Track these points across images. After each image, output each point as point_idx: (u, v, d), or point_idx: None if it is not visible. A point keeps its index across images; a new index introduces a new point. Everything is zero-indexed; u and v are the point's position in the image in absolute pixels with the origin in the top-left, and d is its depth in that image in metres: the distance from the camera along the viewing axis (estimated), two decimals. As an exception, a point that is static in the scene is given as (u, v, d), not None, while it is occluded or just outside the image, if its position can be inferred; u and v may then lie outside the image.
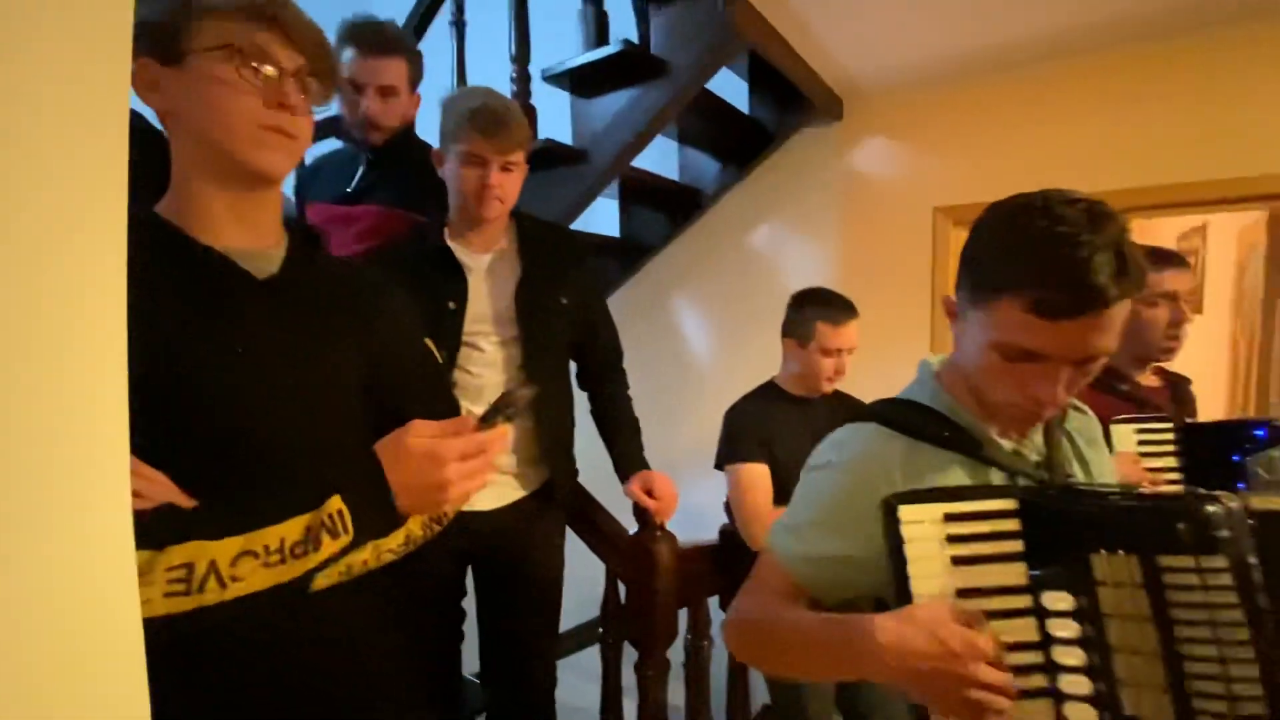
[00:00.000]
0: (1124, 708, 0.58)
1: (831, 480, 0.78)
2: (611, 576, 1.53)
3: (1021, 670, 0.61)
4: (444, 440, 0.64)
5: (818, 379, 1.58)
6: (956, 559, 0.64)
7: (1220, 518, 0.56)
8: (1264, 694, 0.53)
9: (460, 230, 1.29)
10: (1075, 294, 0.61)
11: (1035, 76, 2.22)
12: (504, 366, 1.29)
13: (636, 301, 2.90)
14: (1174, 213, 2.13)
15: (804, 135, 2.60)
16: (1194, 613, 0.55)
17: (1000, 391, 0.70)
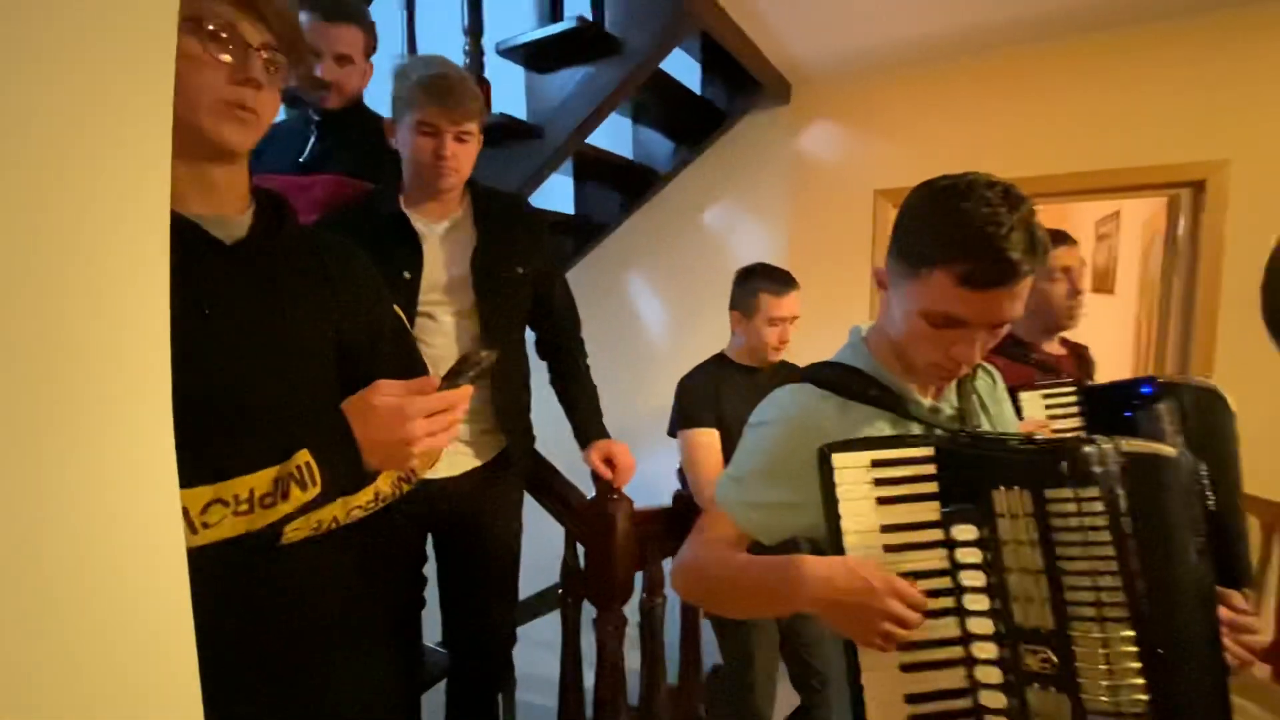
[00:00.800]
0: (1014, 618, 0.68)
1: (771, 435, 0.86)
2: (570, 540, 1.59)
3: (934, 593, 0.71)
4: (409, 398, 0.67)
5: (764, 348, 1.67)
6: (881, 499, 0.73)
7: (1094, 456, 0.66)
8: (1125, 600, 0.64)
9: (415, 200, 1.29)
10: (997, 267, 0.69)
11: (968, 68, 2.35)
12: (460, 336, 1.30)
13: (592, 278, 2.94)
14: (1088, 198, 2.31)
15: (754, 117, 2.67)
16: (1071, 535, 0.66)
17: (925, 353, 0.79)
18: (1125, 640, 0.63)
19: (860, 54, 2.37)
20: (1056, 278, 1.51)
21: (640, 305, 3.00)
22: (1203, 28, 2.04)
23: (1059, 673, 0.65)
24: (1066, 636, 0.65)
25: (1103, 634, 0.63)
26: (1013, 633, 0.68)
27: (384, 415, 0.66)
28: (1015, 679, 0.67)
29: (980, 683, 0.68)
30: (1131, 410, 1.20)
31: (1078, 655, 0.64)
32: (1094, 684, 0.63)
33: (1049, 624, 0.66)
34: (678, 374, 1.82)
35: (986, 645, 0.69)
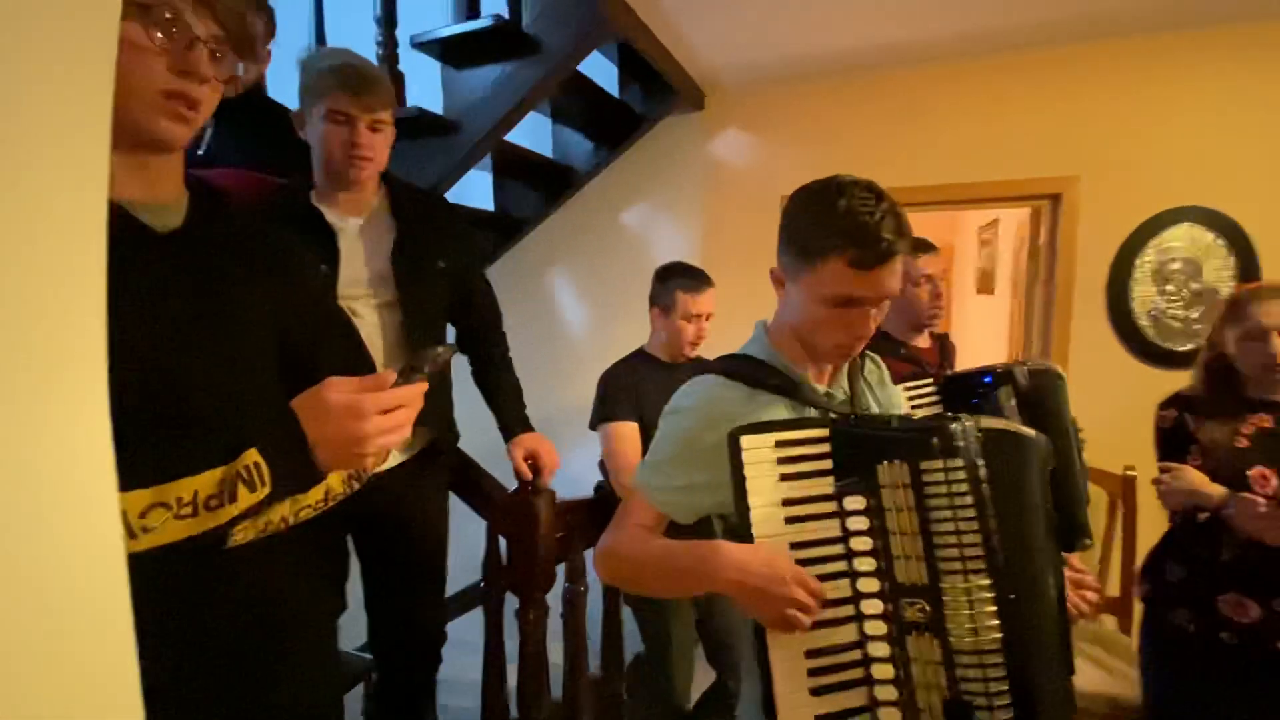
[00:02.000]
0: (896, 576, 0.77)
1: (684, 422, 0.92)
2: (493, 533, 1.59)
3: (828, 559, 0.79)
4: (363, 395, 0.64)
5: (681, 343, 1.75)
6: (784, 476, 0.80)
7: (958, 433, 0.76)
8: (984, 554, 0.74)
9: (328, 193, 1.25)
10: (878, 249, 0.80)
11: (867, 84, 2.53)
12: (383, 331, 1.28)
13: (512, 275, 2.93)
14: (970, 207, 2.54)
15: (670, 122, 2.75)
16: (940, 500, 0.75)
17: (829, 335, 0.88)
18: (983, 588, 0.73)
19: (769, 67, 2.50)
20: (921, 283, 1.69)
21: (561, 301, 3.02)
22: (1061, 59, 2.31)
23: (932, 620, 0.74)
24: (938, 588, 0.74)
25: (966, 584, 0.73)
26: (895, 589, 0.76)
27: (338, 412, 0.64)
28: (897, 629, 0.76)
29: (869, 635, 0.77)
30: (977, 398, 1.37)
31: (946, 604, 0.74)
32: (959, 627, 0.73)
33: (924, 579, 0.75)
34: (598, 369, 1.86)
35: (873, 602, 0.77)
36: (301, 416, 0.64)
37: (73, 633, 0.32)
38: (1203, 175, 2.20)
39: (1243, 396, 1.40)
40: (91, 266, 0.32)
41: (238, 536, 0.64)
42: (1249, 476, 1.33)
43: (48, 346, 0.31)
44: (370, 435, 0.64)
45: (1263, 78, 2.13)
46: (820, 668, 0.76)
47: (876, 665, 0.76)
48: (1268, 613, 1.30)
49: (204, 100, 0.67)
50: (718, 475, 0.83)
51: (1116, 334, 2.34)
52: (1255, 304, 1.37)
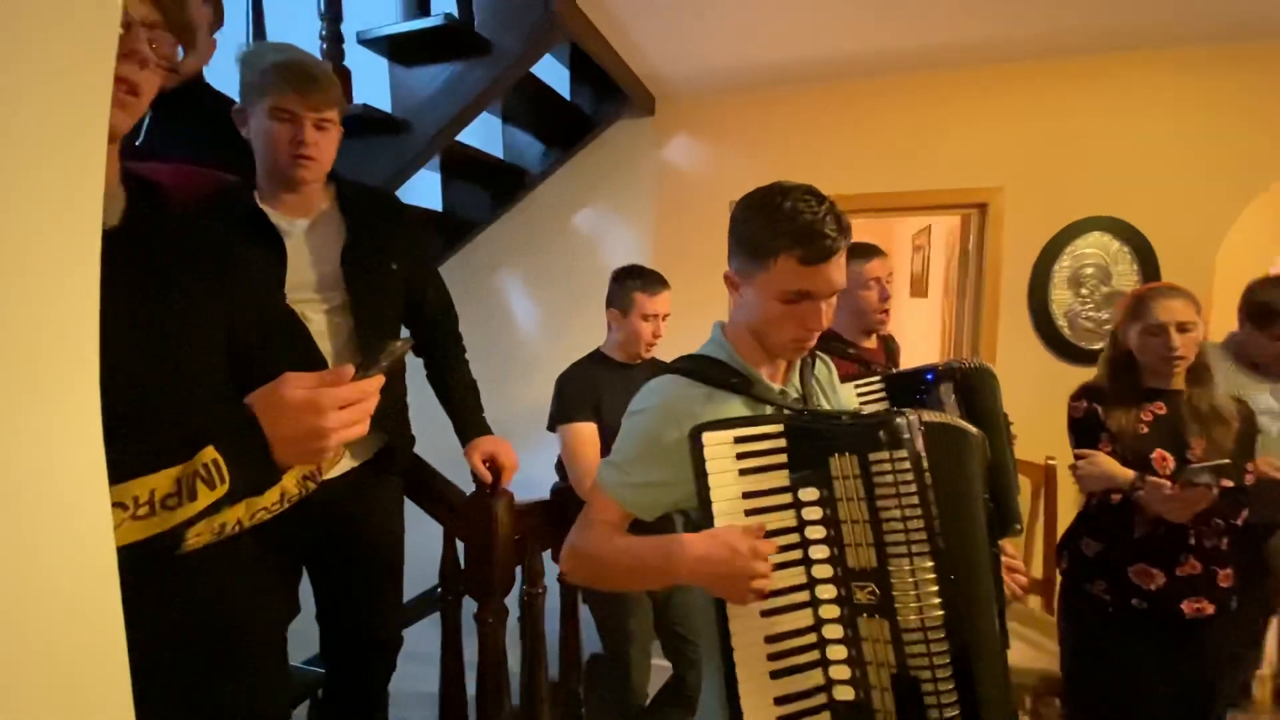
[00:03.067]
0: (848, 561, 0.82)
1: (647, 421, 0.95)
2: (449, 537, 1.57)
3: (785, 548, 0.83)
4: (322, 390, 0.64)
5: (638, 343, 1.77)
6: (743, 470, 0.84)
7: (904, 426, 0.82)
8: (927, 538, 0.80)
9: (272, 193, 1.21)
10: (824, 246, 0.87)
11: (812, 95, 2.64)
12: (334, 335, 1.25)
13: (462, 276, 2.89)
14: (904, 215, 2.68)
15: (621, 126, 2.78)
16: (887, 489, 0.80)
17: (785, 330, 0.92)
18: (927, 570, 0.79)
19: (717, 76, 2.57)
20: (870, 286, 1.78)
21: (512, 304, 3.00)
22: (989, 78, 2.47)
23: (881, 602, 0.79)
24: (886, 572, 0.79)
25: (911, 566, 0.79)
26: (847, 574, 0.81)
27: (297, 409, 0.63)
28: (849, 611, 0.81)
29: (823, 619, 0.81)
30: (920, 394, 1.46)
31: (894, 586, 0.79)
32: (906, 607, 0.78)
33: (873, 563, 0.80)
34: (551, 371, 1.87)
35: (827, 587, 0.82)
36: (259, 413, 0.63)
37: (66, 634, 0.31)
38: (1111, 188, 2.39)
39: (1142, 386, 1.55)
40: (86, 272, 0.32)
41: (192, 541, 0.62)
42: (1151, 459, 1.48)
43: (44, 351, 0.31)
44: (330, 430, 0.63)
45: (1163, 99, 2.34)
46: (779, 652, 0.80)
47: (831, 647, 0.81)
48: (1171, 579, 1.46)
49: (143, 85, 0.65)
50: (680, 472, 0.86)
51: (1038, 334, 2.52)
52: (1154, 302, 1.51)
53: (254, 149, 1.21)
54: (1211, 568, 1.47)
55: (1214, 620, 1.47)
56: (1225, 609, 1.48)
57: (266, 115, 1.15)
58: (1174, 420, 1.50)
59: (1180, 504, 1.36)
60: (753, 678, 0.79)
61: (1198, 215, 2.33)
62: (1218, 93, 2.29)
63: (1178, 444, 1.48)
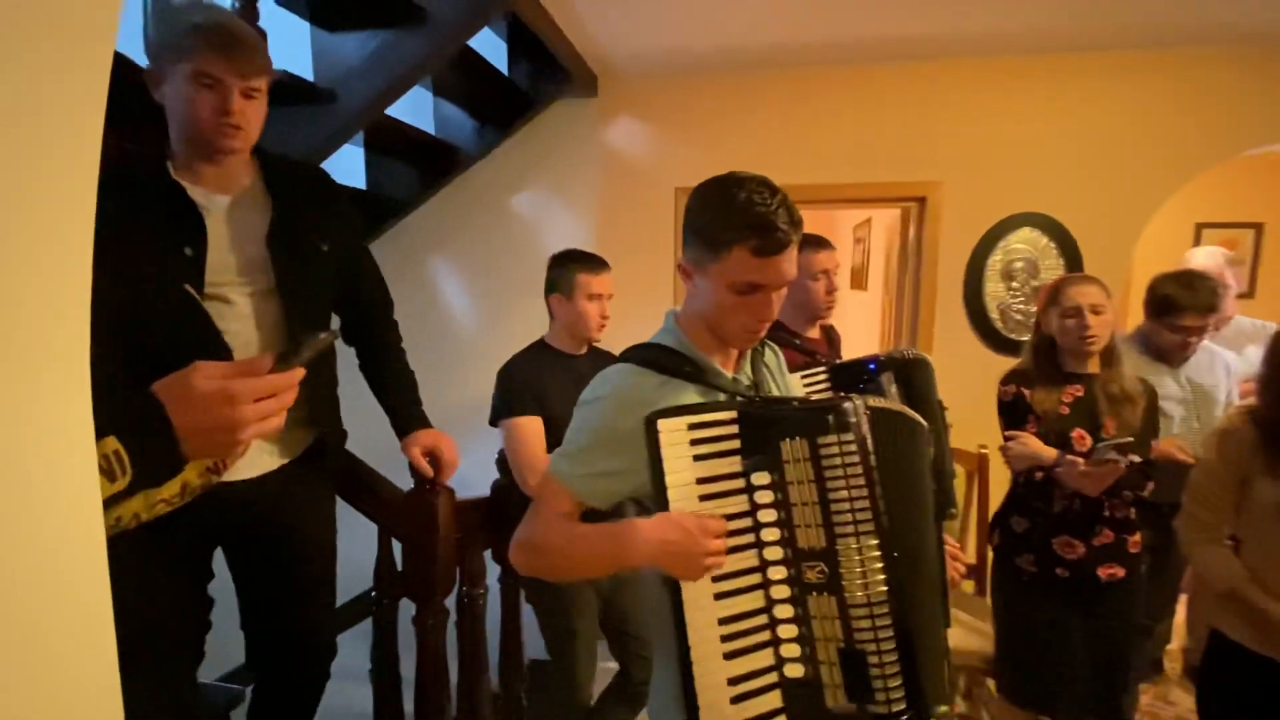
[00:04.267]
0: (798, 542, 0.89)
1: (601, 410, 0.99)
2: (385, 536, 1.56)
3: (738, 532, 0.89)
4: (236, 380, 0.63)
5: (586, 326, 1.80)
6: (697, 456, 0.89)
7: (850, 410, 0.89)
8: (872, 516, 0.88)
9: (189, 164, 1.17)
10: (776, 238, 0.91)
11: (752, 81, 2.73)
12: (260, 321, 1.22)
13: (388, 260, 2.80)
14: (845, 207, 2.82)
15: (563, 105, 2.79)
16: (836, 472, 0.88)
17: (737, 320, 0.98)
18: (872, 548, 0.87)
19: (663, 56, 2.62)
20: (818, 277, 1.89)
21: (445, 291, 2.96)
22: (931, 71, 2.63)
23: (830, 580, 0.86)
24: (834, 551, 0.87)
25: (858, 544, 0.86)
26: (797, 555, 0.88)
27: (208, 399, 0.62)
28: (799, 591, 0.88)
29: (774, 599, 0.88)
30: (863, 383, 1.58)
31: (841, 564, 0.86)
32: (853, 584, 0.86)
33: (822, 544, 0.87)
34: (487, 363, 1.87)
35: (778, 568, 0.88)
36: (166, 402, 0.63)
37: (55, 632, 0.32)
38: (1041, 185, 2.61)
39: (1062, 370, 1.73)
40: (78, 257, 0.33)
41: None
42: (1071, 438, 1.67)
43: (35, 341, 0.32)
44: (243, 423, 0.63)
45: (1091, 101, 2.56)
46: (732, 633, 0.86)
47: (782, 626, 0.87)
48: (1089, 548, 1.67)
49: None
50: (635, 460, 0.91)
51: (972, 326, 2.71)
52: (1069, 288, 1.71)
53: (170, 116, 1.16)
54: (1122, 536, 1.69)
55: (1124, 582, 1.69)
56: (1135, 572, 1.71)
57: (187, 80, 1.11)
58: (1090, 401, 1.69)
59: (1093, 478, 1.56)
60: (706, 659, 0.85)
61: (1117, 212, 2.57)
62: (1138, 96, 2.54)
63: (1093, 423, 1.68)
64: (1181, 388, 2.07)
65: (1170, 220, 3.66)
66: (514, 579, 1.88)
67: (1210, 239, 3.82)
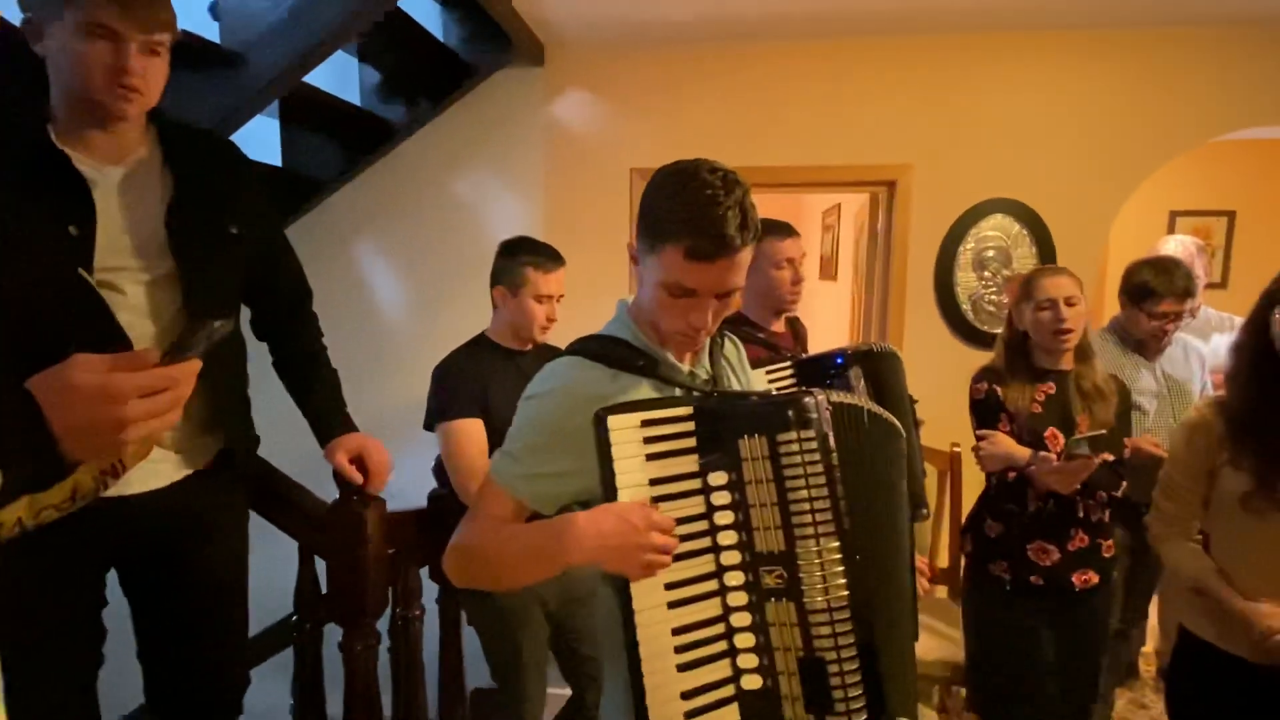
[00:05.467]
0: (756, 546, 0.92)
1: (547, 405, 1.00)
2: (307, 554, 1.54)
3: (694, 535, 0.92)
4: (119, 374, 0.62)
5: (530, 326, 1.81)
6: (650, 455, 0.91)
7: (811, 406, 0.93)
8: (833, 518, 0.91)
9: (75, 130, 1.13)
10: (714, 242, 0.90)
11: (713, 55, 2.76)
12: (156, 310, 1.18)
13: (307, 245, 2.74)
14: (810, 191, 2.88)
15: (505, 76, 2.77)
16: (795, 470, 0.91)
17: (668, 322, 1.00)
18: (833, 550, 0.90)
19: (616, 24, 2.63)
20: (782, 266, 1.95)
21: (372, 280, 2.91)
22: (901, 48, 2.71)
23: (789, 585, 0.90)
24: (793, 554, 0.90)
25: (818, 547, 0.90)
26: (755, 559, 0.91)
27: (86, 395, 0.60)
28: (756, 597, 0.91)
29: (731, 606, 0.91)
30: (830, 379, 1.64)
31: (801, 568, 0.90)
32: (813, 589, 0.89)
33: (781, 546, 0.91)
34: (420, 361, 1.86)
35: (735, 574, 0.91)
36: (41, 400, 0.61)
37: None
38: (1012, 169, 2.72)
39: (1035, 367, 1.83)
40: None
41: None
42: (1045, 437, 1.76)
43: None
44: (128, 421, 0.61)
45: (1064, 80, 2.69)
46: (686, 644, 0.89)
47: (739, 635, 0.90)
48: (1064, 553, 1.76)
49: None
50: (582, 460, 0.92)
51: (943, 318, 2.82)
52: (1043, 280, 1.80)
53: (52, 72, 1.12)
54: (1097, 540, 1.79)
55: (1098, 589, 1.79)
56: (1107, 579, 1.82)
57: (76, 31, 1.07)
58: (1063, 399, 1.79)
59: (1064, 475, 1.64)
60: (659, 672, 0.87)
61: (1090, 198, 2.71)
62: (1114, 77, 2.67)
63: (1066, 421, 1.77)
64: (1157, 381, 2.20)
65: (1144, 208, 3.87)
66: (454, 598, 1.88)
67: (1184, 226, 4.06)
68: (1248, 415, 1.44)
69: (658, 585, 0.90)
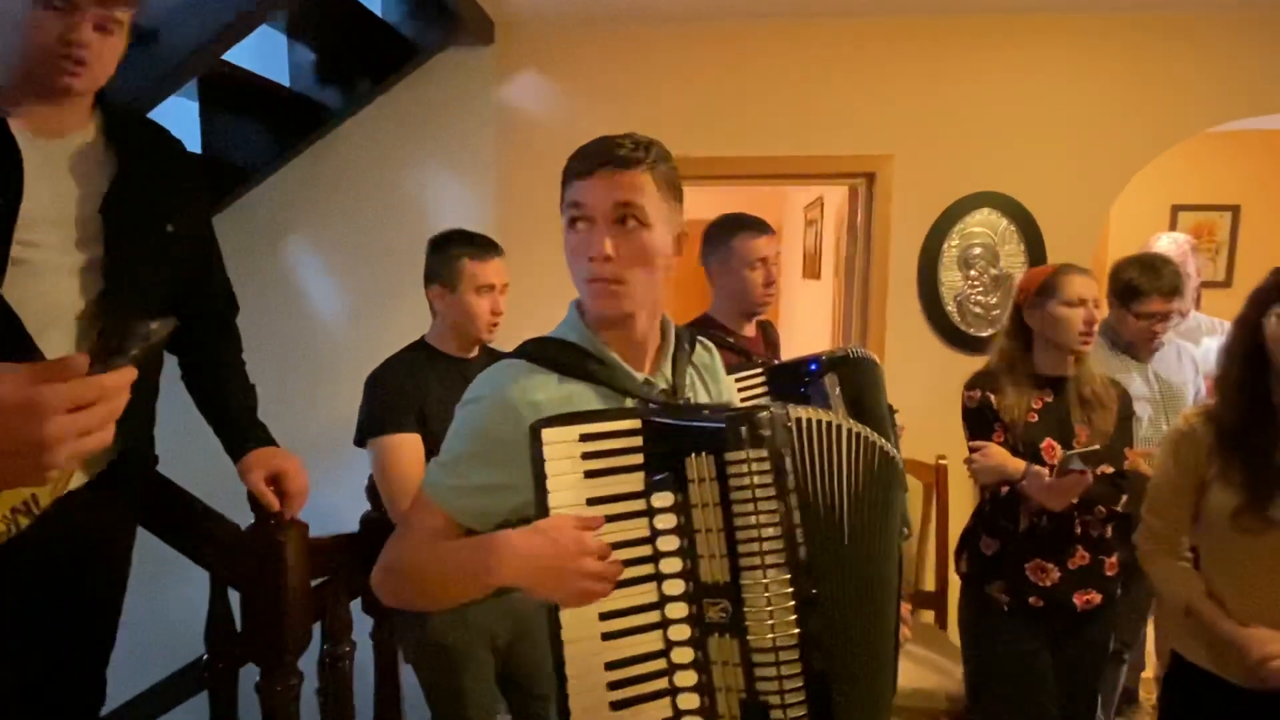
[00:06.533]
0: (701, 576, 0.92)
1: (482, 413, 1.00)
2: (219, 585, 1.52)
3: (636, 561, 0.91)
4: (44, 386, 0.58)
5: (474, 322, 1.79)
6: (589, 473, 0.91)
7: (765, 421, 0.93)
8: (784, 547, 0.92)
9: (16, 100, 1.15)
10: (596, 153, 0.96)
11: (682, 34, 2.78)
12: (72, 298, 1.20)
13: (230, 242, 2.69)
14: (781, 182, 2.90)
15: (452, 55, 2.76)
16: (743, 493, 0.91)
17: (577, 269, 1.00)
18: (782, 584, 0.91)
19: (573, 1, 2.63)
20: (755, 266, 1.96)
21: (302, 280, 2.88)
22: (882, 29, 2.74)
23: (732, 619, 0.90)
24: (738, 586, 0.90)
25: (765, 580, 0.90)
26: (699, 589, 0.91)
27: (5, 412, 0.57)
28: (700, 632, 0.91)
29: (673, 640, 0.91)
30: (804, 386, 1.65)
31: (746, 601, 0.90)
32: (759, 625, 0.89)
33: (726, 577, 0.91)
34: (357, 369, 1.83)
35: (678, 605, 0.91)
36: None
37: None
38: (999, 160, 2.77)
39: (1035, 372, 1.85)
40: None
41: None
42: (1041, 449, 1.79)
43: None
44: (57, 439, 0.58)
45: (1050, 68, 2.74)
46: (621, 680, 0.89)
47: (680, 673, 0.90)
48: (1064, 572, 1.79)
49: None
50: (518, 474, 0.92)
51: (928, 320, 2.86)
52: (1074, 276, 1.80)
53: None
54: (1099, 557, 1.82)
55: (1100, 610, 1.82)
56: (1111, 598, 1.85)
57: None
58: (1061, 407, 1.82)
59: (1057, 492, 1.66)
60: (590, 710, 0.87)
61: (1082, 192, 2.76)
62: (1106, 63, 2.73)
63: (1064, 432, 1.80)
64: (1150, 386, 2.25)
65: (1144, 202, 3.96)
66: (390, 633, 1.86)
67: (1186, 221, 4.16)
68: (1237, 425, 1.46)
69: (592, 615, 0.90)
